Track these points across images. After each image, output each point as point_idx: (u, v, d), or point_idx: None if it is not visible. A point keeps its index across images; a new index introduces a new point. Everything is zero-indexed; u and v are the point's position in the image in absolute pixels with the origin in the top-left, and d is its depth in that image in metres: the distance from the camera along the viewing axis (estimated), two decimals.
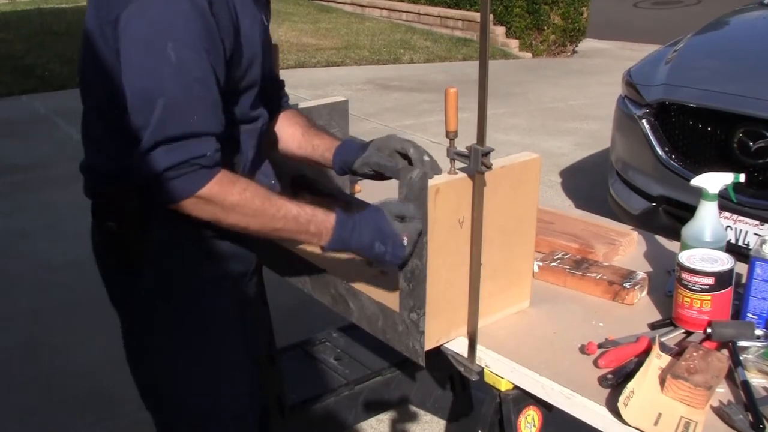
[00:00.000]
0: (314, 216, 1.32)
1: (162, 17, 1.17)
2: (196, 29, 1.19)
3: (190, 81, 1.19)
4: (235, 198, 1.25)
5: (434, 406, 2.52)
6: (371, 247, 1.32)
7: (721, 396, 1.20)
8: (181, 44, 1.18)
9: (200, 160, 1.21)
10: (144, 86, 1.19)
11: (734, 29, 3.91)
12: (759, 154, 2.82)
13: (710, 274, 1.32)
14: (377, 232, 1.31)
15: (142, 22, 1.17)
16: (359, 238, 1.32)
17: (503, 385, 1.35)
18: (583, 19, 9.78)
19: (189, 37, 1.18)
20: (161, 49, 1.17)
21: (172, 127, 1.19)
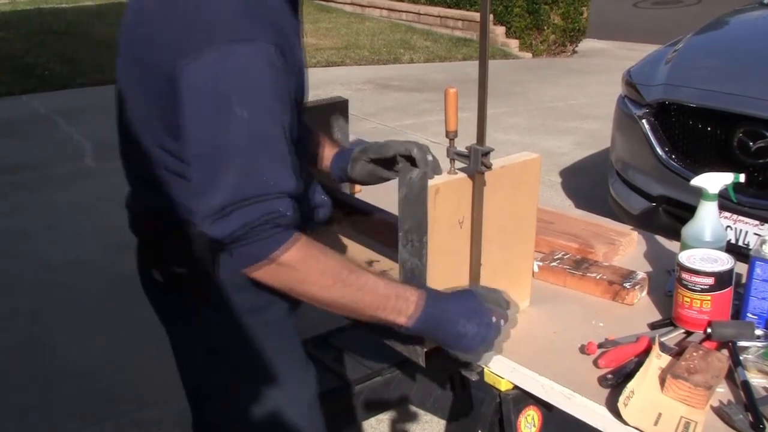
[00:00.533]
0: (399, 290, 1.19)
1: (230, 71, 1.07)
2: (267, 82, 1.09)
3: (263, 138, 1.09)
4: (315, 264, 1.14)
5: (434, 406, 2.52)
6: (457, 325, 1.20)
7: (721, 396, 1.20)
8: (252, 100, 1.08)
9: (279, 220, 1.10)
10: (214, 145, 1.08)
11: (734, 29, 3.91)
12: (759, 154, 2.82)
13: (710, 274, 1.32)
14: (467, 310, 1.21)
15: (208, 77, 1.07)
16: (447, 317, 1.20)
17: (503, 385, 1.35)
18: (583, 19, 9.78)
19: (260, 91, 1.09)
20: (231, 106, 1.06)
21: (247, 188, 1.08)
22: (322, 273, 1.15)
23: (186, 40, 1.09)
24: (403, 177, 1.29)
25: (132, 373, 2.76)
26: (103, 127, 6.29)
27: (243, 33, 1.08)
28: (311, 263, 1.14)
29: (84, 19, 10.66)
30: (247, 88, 1.08)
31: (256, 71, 1.08)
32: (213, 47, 1.07)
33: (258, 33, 1.10)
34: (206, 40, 1.07)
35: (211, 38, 1.07)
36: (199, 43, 1.08)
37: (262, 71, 1.09)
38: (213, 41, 1.07)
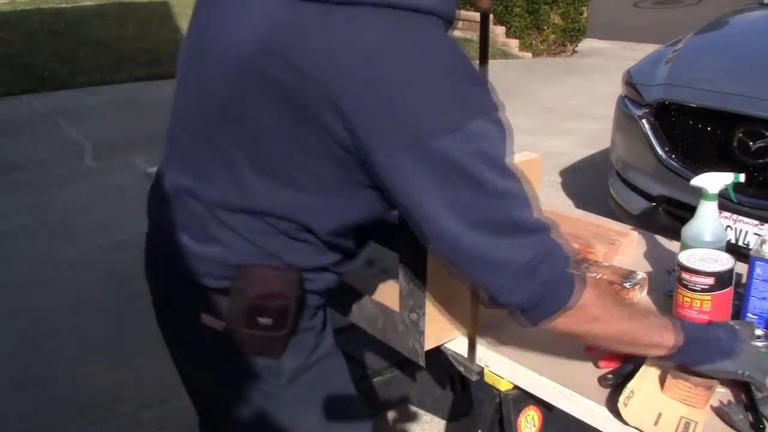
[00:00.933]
0: (662, 322, 1.19)
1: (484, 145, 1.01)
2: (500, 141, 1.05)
3: (520, 200, 1.06)
4: (604, 300, 1.15)
5: (434, 406, 2.52)
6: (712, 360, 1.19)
7: (721, 396, 1.20)
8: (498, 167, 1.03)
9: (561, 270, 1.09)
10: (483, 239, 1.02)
11: (734, 29, 3.91)
12: (759, 154, 2.82)
13: (710, 274, 1.32)
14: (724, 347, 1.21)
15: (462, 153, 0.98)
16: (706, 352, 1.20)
17: (503, 385, 1.35)
18: (583, 19, 9.79)
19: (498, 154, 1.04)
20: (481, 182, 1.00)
21: (529, 253, 1.05)
22: (610, 308, 1.15)
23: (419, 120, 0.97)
24: None
25: (132, 373, 2.76)
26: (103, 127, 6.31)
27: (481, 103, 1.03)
28: (601, 299, 1.14)
29: (84, 19, 10.66)
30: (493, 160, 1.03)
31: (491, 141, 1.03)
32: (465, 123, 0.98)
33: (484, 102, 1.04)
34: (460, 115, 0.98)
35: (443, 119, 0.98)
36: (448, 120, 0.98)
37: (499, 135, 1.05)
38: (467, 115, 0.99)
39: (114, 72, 7.78)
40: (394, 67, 0.96)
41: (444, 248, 1.05)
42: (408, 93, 0.97)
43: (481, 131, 1.00)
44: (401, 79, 0.97)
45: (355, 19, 0.97)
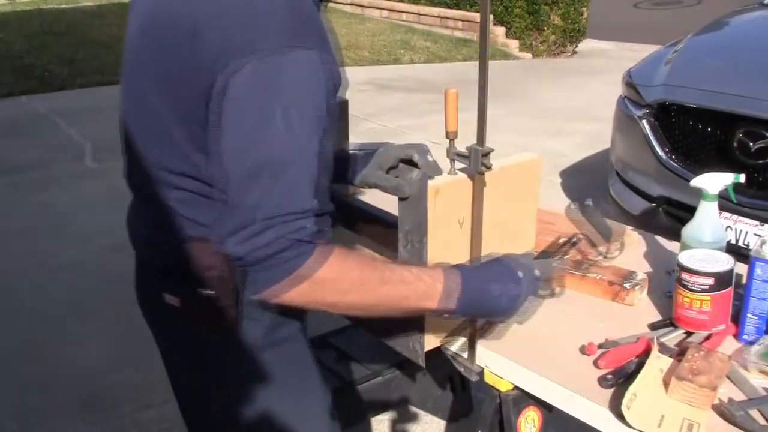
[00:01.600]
0: (434, 275, 1.14)
1: (281, 82, 1.02)
2: (312, 95, 1.04)
3: (298, 156, 1.04)
4: (355, 271, 1.09)
5: (434, 406, 2.52)
6: (488, 291, 1.18)
7: (721, 395, 1.20)
8: (296, 113, 1.02)
9: (309, 237, 1.04)
10: (252, 160, 1.03)
11: (734, 29, 3.91)
12: (759, 154, 2.82)
13: (710, 274, 1.32)
14: (492, 272, 1.20)
15: (257, 87, 1.02)
16: (486, 287, 1.18)
17: (503, 385, 1.35)
18: (583, 20, 9.78)
19: (304, 104, 1.03)
20: (274, 118, 1.01)
21: (275, 207, 1.02)
22: (364, 279, 1.10)
23: (233, 43, 1.03)
24: (403, 177, 1.29)
25: (132, 373, 2.76)
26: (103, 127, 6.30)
27: (295, 38, 1.04)
28: (351, 272, 1.09)
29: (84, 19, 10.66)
30: (293, 101, 1.03)
31: (304, 83, 1.03)
32: (263, 55, 1.01)
33: (308, 38, 1.05)
34: (256, 45, 1.02)
35: (263, 44, 1.02)
36: (248, 47, 1.02)
37: (309, 83, 1.04)
38: (265, 48, 1.02)
39: (114, 73, 7.75)
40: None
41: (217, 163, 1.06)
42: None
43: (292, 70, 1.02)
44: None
45: None
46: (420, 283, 1.13)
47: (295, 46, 1.03)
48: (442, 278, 1.15)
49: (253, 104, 1.02)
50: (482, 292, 1.18)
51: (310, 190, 1.05)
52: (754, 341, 1.33)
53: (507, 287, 1.19)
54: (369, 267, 1.11)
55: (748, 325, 1.35)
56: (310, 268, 1.04)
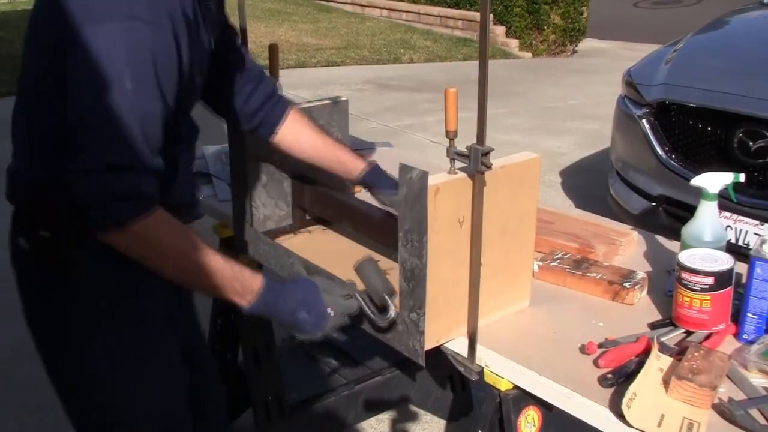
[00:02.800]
0: (241, 273, 1.29)
1: (130, 47, 1.15)
2: (158, 67, 1.18)
3: (143, 116, 1.17)
4: (168, 239, 1.23)
5: (434, 406, 2.52)
6: (293, 312, 1.32)
7: (721, 394, 1.20)
8: (142, 79, 1.16)
9: (141, 191, 1.19)
10: (100, 109, 1.15)
11: (734, 29, 3.91)
12: (759, 154, 2.82)
13: (710, 273, 1.32)
14: (303, 300, 1.33)
15: (108, 46, 1.14)
16: (283, 305, 1.33)
17: (503, 385, 1.35)
18: (583, 19, 9.78)
19: (150, 73, 1.17)
20: (123, 78, 1.14)
21: (121, 155, 1.16)
22: (173, 249, 1.24)
23: (90, 6, 1.15)
24: (403, 177, 1.29)
25: None
26: None
27: (147, 15, 1.16)
28: (167, 239, 1.23)
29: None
30: (139, 67, 1.16)
31: (151, 54, 1.16)
32: (117, 20, 1.14)
33: (161, 19, 1.18)
34: (112, 11, 1.14)
35: (118, 10, 1.14)
36: (104, 12, 1.14)
37: (158, 56, 1.17)
38: (119, 14, 1.14)
39: None
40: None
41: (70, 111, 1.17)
42: None
43: (141, 40, 1.15)
44: None
45: None
46: (226, 278, 1.27)
47: (149, 22, 1.16)
48: (249, 282, 1.30)
49: (107, 61, 1.14)
50: (279, 310, 1.33)
51: (150, 150, 1.19)
52: (754, 340, 1.33)
53: (314, 319, 1.33)
54: (186, 241, 1.25)
55: (748, 325, 1.35)
56: (133, 219, 1.18)
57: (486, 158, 1.24)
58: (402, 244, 1.32)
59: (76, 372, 1.41)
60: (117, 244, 1.21)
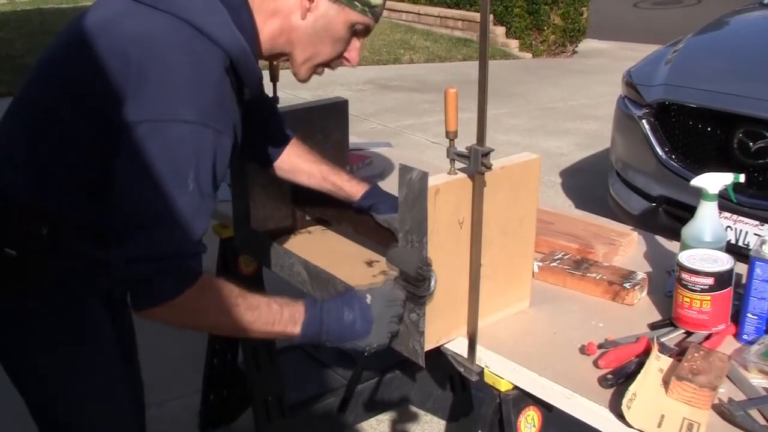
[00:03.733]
0: (286, 304, 1.30)
1: (191, 144, 1.17)
2: (217, 163, 1.21)
3: (196, 211, 1.20)
4: (211, 305, 1.25)
5: (434, 406, 2.52)
6: (340, 319, 1.31)
7: (721, 394, 1.20)
8: (201, 176, 1.19)
9: (187, 270, 1.21)
10: (152, 203, 1.17)
11: (734, 29, 3.91)
12: (759, 154, 2.82)
13: (710, 274, 1.32)
14: (344, 300, 1.34)
15: (170, 141, 1.16)
16: (327, 315, 1.31)
17: (503, 385, 1.35)
18: (583, 19, 9.79)
19: (209, 169, 1.20)
20: (184, 175, 1.17)
21: (173, 245, 1.19)
22: (217, 309, 1.24)
23: (164, 103, 1.16)
24: (403, 177, 1.29)
25: None
26: None
27: (216, 125, 1.19)
28: (207, 301, 1.23)
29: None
30: (203, 169, 1.19)
31: (213, 158, 1.20)
32: (190, 122, 1.16)
33: (227, 129, 1.23)
34: (185, 113, 1.16)
35: (191, 114, 1.16)
36: (179, 113, 1.16)
37: (218, 160, 1.21)
38: (191, 117, 1.16)
39: None
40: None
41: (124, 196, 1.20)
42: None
43: (201, 141, 1.18)
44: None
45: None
46: (286, 313, 1.29)
47: (212, 128, 1.18)
48: (293, 305, 1.30)
49: (170, 160, 1.17)
50: (336, 322, 1.31)
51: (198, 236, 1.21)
52: (754, 341, 1.33)
53: (358, 313, 1.32)
54: (227, 294, 1.25)
55: (747, 325, 1.35)
56: (179, 295, 1.19)
57: (486, 159, 1.24)
58: (402, 244, 1.32)
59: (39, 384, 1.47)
60: (160, 317, 1.22)
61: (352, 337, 1.33)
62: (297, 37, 1.32)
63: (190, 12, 1.20)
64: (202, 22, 1.20)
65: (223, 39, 1.21)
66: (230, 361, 2.36)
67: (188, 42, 1.19)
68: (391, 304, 1.34)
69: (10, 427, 2.52)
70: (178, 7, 1.20)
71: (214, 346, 2.32)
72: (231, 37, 1.22)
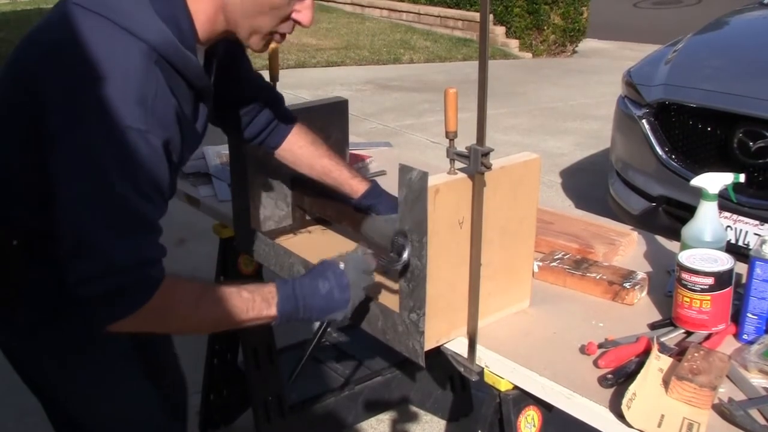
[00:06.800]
0: (255, 288, 1.30)
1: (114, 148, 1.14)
2: (147, 166, 1.18)
3: (135, 216, 1.18)
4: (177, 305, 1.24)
5: (434, 406, 2.52)
6: (316, 289, 1.32)
7: (721, 394, 1.20)
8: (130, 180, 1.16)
9: (147, 280, 1.19)
10: (87, 218, 1.15)
11: (734, 29, 3.91)
12: (759, 154, 2.82)
13: (710, 274, 1.32)
14: (318, 272, 1.34)
15: (92, 148, 1.14)
16: (300, 288, 1.32)
17: (503, 385, 1.35)
18: (583, 19, 9.78)
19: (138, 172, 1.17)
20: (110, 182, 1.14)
21: (119, 258, 1.16)
22: (186, 301, 1.24)
23: (84, 108, 1.14)
24: (403, 177, 1.29)
25: None
26: None
27: (141, 126, 1.16)
28: (173, 302, 1.23)
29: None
30: (131, 173, 1.16)
31: (142, 161, 1.16)
32: (110, 126, 1.13)
33: (155, 130, 1.18)
34: (106, 117, 1.13)
35: (113, 117, 1.14)
36: (98, 116, 1.13)
37: (148, 163, 1.17)
38: (113, 121, 1.13)
39: None
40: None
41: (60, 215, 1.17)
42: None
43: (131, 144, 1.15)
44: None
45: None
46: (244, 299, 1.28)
47: (140, 130, 1.15)
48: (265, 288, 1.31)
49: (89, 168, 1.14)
50: (312, 296, 1.32)
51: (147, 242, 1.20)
52: (754, 341, 1.33)
53: (333, 281, 1.33)
54: (195, 288, 1.26)
55: (747, 325, 1.35)
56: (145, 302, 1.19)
57: (486, 159, 1.24)
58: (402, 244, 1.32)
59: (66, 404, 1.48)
60: (128, 328, 1.21)
61: (332, 307, 1.34)
62: (233, 14, 1.28)
63: (113, 10, 1.18)
64: (122, 18, 1.18)
65: (146, 33, 1.18)
66: (230, 361, 2.36)
67: (107, 40, 1.17)
68: (363, 273, 1.35)
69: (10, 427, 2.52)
70: (104, 6, 1.19)
71: (214, 346, 2.32)
72: (155, 30, 1.19)
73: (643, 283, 1.54)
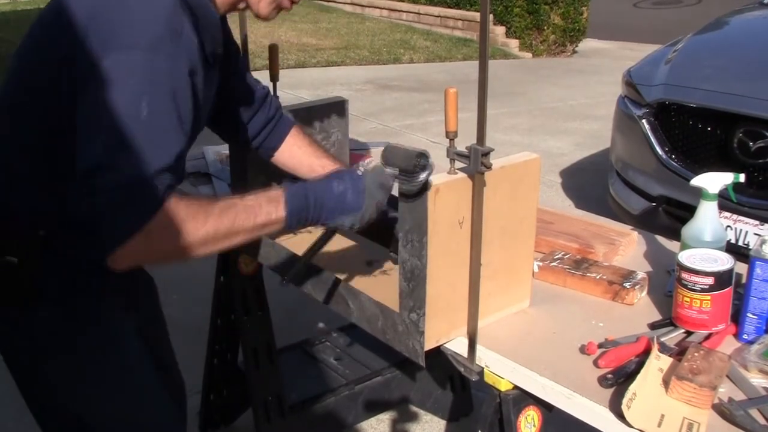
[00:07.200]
0: (262, 193, 1.28)
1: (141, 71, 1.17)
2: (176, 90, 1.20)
3: (158, 142, 1.18)
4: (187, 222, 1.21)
5: (434, 406, 2.52)
6: (328, 187, 1.29)
7: (721, 394, 1.20)
8: (157, 103, 1.18)
9: (151, 192, 1.17)
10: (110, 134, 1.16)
11: (734, 29, 3.92)
12: (759, 154, 2.82)
13: (710, 274, 1.32)
14: (332, 174, 1.32)
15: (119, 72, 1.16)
16: (313, 187, 1.30)
17: (503, 385, 1.35)
18: (583, 19, 9.78)
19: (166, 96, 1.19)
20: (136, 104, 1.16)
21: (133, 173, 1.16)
22: (193, 214, 1.20)
23: (112, 34, 1.18)
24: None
25: None
26: None
27: (168, 48, 1.19)
28: (180, 215, 1.19)
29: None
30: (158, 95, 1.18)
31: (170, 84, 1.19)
32: (138, 49, 1.17)
33: (181, 54, 1.21)
34: (132, 41, 1.17)
35: (139, 41, 1.18)
36: (125, 41, 1.17)
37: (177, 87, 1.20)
38: (140, 44, 1.17)
39: None
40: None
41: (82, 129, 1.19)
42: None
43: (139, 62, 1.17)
44: None
45: None
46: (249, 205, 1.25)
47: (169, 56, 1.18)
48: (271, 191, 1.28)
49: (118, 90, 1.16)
50: (324, 193, 1.29)
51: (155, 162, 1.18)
52: (754, 340, 1.33)
53: (349, 183, 1.29)
54: (202, 203, 1.23)
55: (747, 325, 1.35)
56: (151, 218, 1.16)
57: (486, 158, 1.24)
58: (402, 244, 1.32)
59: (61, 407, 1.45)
60: (137, 251, 1.18)
61: (344, 208, 1.30)
62: None
63: None
64: None
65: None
66: (230, 361, 2.36)
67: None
68: (380, 188, 1.31)
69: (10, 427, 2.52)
70: None
71: (214, 346, 2.32)
72: None
73: (643, 283, 1.54)
